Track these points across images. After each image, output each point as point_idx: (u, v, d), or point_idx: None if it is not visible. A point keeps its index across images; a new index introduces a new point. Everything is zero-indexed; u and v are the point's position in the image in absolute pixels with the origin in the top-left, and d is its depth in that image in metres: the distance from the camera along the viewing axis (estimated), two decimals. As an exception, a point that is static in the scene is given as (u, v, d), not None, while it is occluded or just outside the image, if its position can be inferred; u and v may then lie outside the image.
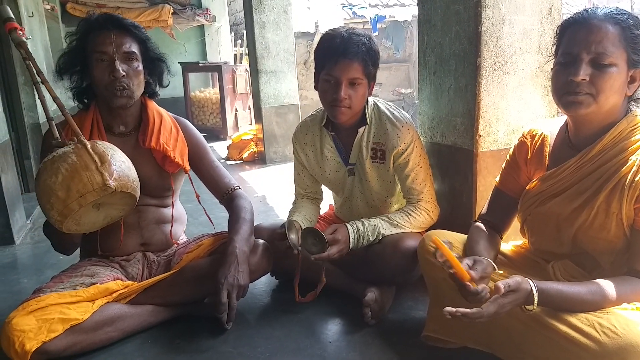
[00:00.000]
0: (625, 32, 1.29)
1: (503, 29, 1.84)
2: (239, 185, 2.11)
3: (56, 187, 1.53)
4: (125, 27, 1.83)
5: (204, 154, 2.10)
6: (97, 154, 1.57)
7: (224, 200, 2.08)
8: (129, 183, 1.63)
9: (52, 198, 1.54)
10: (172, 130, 2.00)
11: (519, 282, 1.25)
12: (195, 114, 7.91)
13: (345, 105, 1.87)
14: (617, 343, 1.15)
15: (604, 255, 1.40)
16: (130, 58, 1.82)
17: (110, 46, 1.77)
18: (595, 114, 1.33)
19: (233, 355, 1.73)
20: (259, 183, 4.50)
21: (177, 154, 1.96)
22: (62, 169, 1.53)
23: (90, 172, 1.54)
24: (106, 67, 1.78)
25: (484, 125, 1.89)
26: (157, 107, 2.04)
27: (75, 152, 1.57)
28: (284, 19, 5.10)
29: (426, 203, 1.97)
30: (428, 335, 1.66)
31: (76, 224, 1.63)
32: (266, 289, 2.24)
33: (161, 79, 2.02)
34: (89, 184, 1.53)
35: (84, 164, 1.54)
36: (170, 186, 2.02)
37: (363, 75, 1.86)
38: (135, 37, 1.85)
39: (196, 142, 2.08)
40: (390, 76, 10.75)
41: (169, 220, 2.06)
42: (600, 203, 1.35)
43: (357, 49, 1.82)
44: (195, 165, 2.07)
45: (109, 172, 1.56)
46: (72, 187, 1.52)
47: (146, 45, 1.90)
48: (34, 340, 1.58)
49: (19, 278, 2.57)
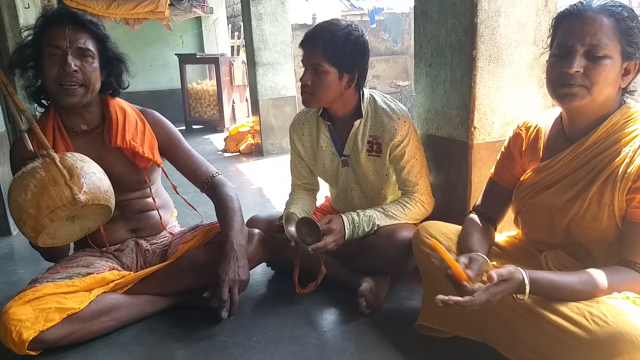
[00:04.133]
0: (619, 24, 1.29)
1: (499, 21, 1.84)
2: (219, 172, 2.05)
3: (26, 205, 1.52)
4: (82, 23, 1.77)
5: (177, 143, 2.03)
6: (65, 167, 1.56)
7: (205, 189, 2.02)
8: (100, 195, 1.61)
9: (24, 215, 1.54)
10: (137, 124, 1.94)
11: (511, 271, 1.26)
12: (193, 106, 7.89)
13: (308, 91, 1.90)
14: (606, 331, 1.16)
15: (596, 246, 1.41)
16: (85, 54, 1.76)
17: (64, 41, 1.72)
18: (589, 105, 1.34)
19: (229, 344, 1.75)
20: (256, 175, 4.51)
21: (147, 148, 1.91)
22: (31, 185, 1.53)
23: (59, 187, 1.53)
24: (57, 61, 1.72)
25: (479, 117, 1.90)
26: (120, 102, 1.96)
27: (43, 167, 1.56)
28: (281, 11, 5.09)
29: (421, 195, 1.99)
30: (422, 325, 1.68)
31: (52, 238, 1.63)
32: (262, 280, 2.25)
33: (119, 79, 1.94)
34: (58, 199, 1.52)
35: (52, 179, 1.53)
36: (144, 180, 1.98)
37: (326, 62, 1.85)
38: (93, 34, 1.79)
39: (166, 132, 2.01)
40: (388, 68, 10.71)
41: (154, 208, 2.05)
42: (593, 194, 1.36)
43: (320, 34, 1.85)
44: (170, 155, 2.02)
45: (78, 185, 1.55)
46: (42, 204, 1.52)
47: (104, 44, 1.84)
48: (30, 330, 1.59)
49: (15, 269, 2.58)
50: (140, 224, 2.04)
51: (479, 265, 1.36)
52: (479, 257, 1.39)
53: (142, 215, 2.04)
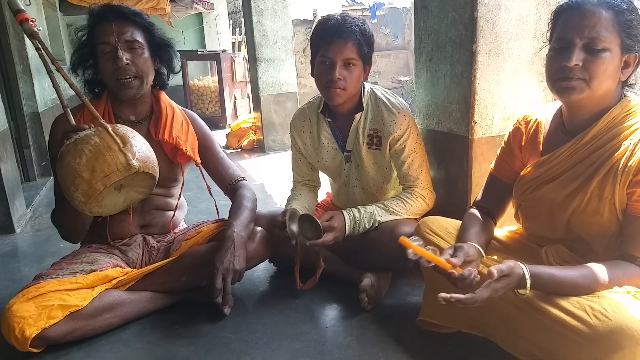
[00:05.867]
0: (618, 16, 1.28)
1: (499, 15, 1.83)
2: (244, 176, 2.13)
3: (80, 168, 1.53)
4: (126, 16, 1.83)
5: (211, 145, 2.12)
6: (118, 135, 1.59)
7: (228, 191, 2.11)
8: (150, 164, 1.64)
9: (77, 179, 1.54)
10: (183, 123, 2.02)
11: (512, 266, 1.26)
12: (195, 102, 7.90)
13: (340, 86, 1.88)
14: (607, 326, 1.16)
15: (597, 240, 1.41)
16: (134, 46, 1.82)
17: (112, 36, 1.77)
18: (589, 99, 1.34)
19: (231, 340, 1.75)
20: (258, 171, 4.51)
21: (189, 146, 1.99)
22: (86, 150, 1.54)
23: (114, 152, 1.55)
24: (110, 57, 1.79)
25: (479, 111, 1.90)
26: (169, 100, 2.05)
27: (97, 134, 1.58)
28: (282, 7, 5.08)
29: (422, 189, 1.98)
30: (423, 320, 1.69)
31: (98, 206, 1.64)
32: (264, 276, 2.26)
33: (171, 64, 2.01)
34: (113, 164, 1.54)
35: (106, 145, 1.55)
36: (179, 177, 2.06)
37: (357, 56, 1.87)
38: (137, 24, 1.85)
39: (204, 134, 2.11)
40: (389, 64, 10.67)
41: (172, 208, 2.10)
42: (593, 188, 1.36)
43: (350, 29, 1.84)
44: (202, 156, 2.09)
45: (131, 152, 1.57)
46: (97, 168, 1.53)
47: (150, 32, 1.89)
48: (33, 327, 1.60)
49: (19, 266, 2.59)
50: (153, 221, 2.06)
51: (463, 251, 1.38)
52: (464, 245, 1.40)
53: (157, 213, 2.07)
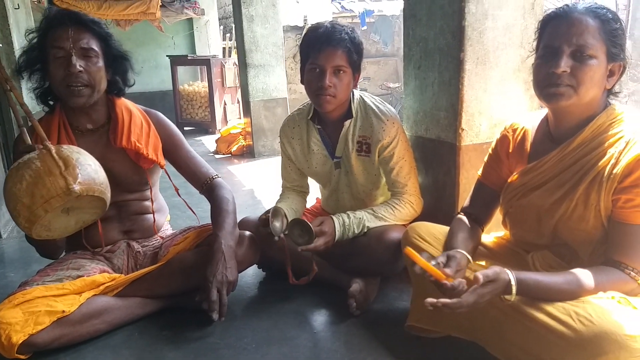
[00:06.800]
0: (604, 25, 1.32)
1: (486, 24, 1.86)
2: (218, 174, 2.08)
3: (21, 194, 1.52)
4: (84, 23, 1.78)
5: (179, 145, 2.06)
6: (61, 158, 1.56)
7: (203, 191, 2.05)
8: (95, 186, 1.61)
9: (18, 205, 1.54)
10: (142, 125, 1.96)
11: (497, 272, 1.27)
12: (184, 107, 7.87)
13: (330, 93, 1.89)
14: (592, 331, 1.18)
15: (583, 246, 1.43)
16: (89, 55, 1.77)
17: (67, 42, 1.73)
18: (576, 106, 1.36)
19: (220, 346, 1.75)
20: (248, 176, 4.51)
21: (151, 149, 1.93)
22: (27, 175, 1.53)
23: (54, 177, 1.53)
24: (62, 62, 1.73)
25: (466, 119, 1.92)
26: (126, 103, 1.99)
27: (39, 157, 1.56)
28: (273, 13, 5.09)
29: (410, 196, 2.00)
30: (412, 325, 1.69)
31: (46, 230, 1.62)
32: (253, 281, 2.26)
33: (125, 77, 1.95)
34: (53, 189, 1.52)
35: (47, 169, 1.53)
36: (146, 181, 2.01)
37: (347, 63, 1.89)
38: (95, 33, 1.80)
39: (169, 133, 2.04)
40: (379, 70, 10.75)
41: (150, 211, 2.07)
42: (579, 195, 1.38)
43: (340, 36, 1.86)
44: (171, 157, 2.04)
45: (72, 176, 1.54)
46: (36, 193, 1.52)
47: (107, 43, 1.84)
48: (20, 333, 1.58)
49: (5, 272, 2.57)
50: (134, 226, 2.04)
51: (456, 261, 1.39)
52: (456, 254, 1.41)
53: (137, 217, 2.04)
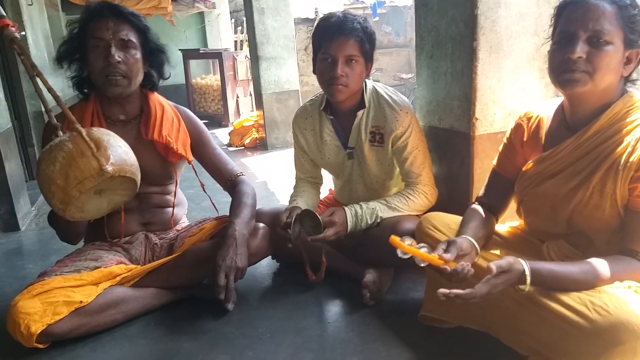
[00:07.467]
0: (622, 11, 1.29)
1: (499, 12, 1.84)
2: (242, 172, 2.13)
3: (55, 176, 1.54)
4: (124, 15, 1.82)
5: (206, 142, 2.11)
6: (92, 140, 1.57)
7: (227, 187, 2.10)
8: (127, 167, 1.63)
9: (52, 187, 1.55)
10: (173, 120, 2.01)
11: (511, 262, 1.27)
12: (197, 101, 7.91)
13: (342, 83, 1.89)
14: (608, 321, 1.17)
15: (598, 235, 1.41)
16: (128, 46, 1.80)
17: (107, 32, 1.76)
18: (592, 92, 1.34)
19: (235, 335, 1.77)
20: (261, 169, 4.53)
21: (180, 145, 1.98)
22: (59, 157, 1.54)
23: (87, 158, 1.54)
24: (101, 52, 1.77)
25: (480, 108, 1.90)
26: (159, 98, 2.04)
27: (71, 139, 1.57)
28: (284, 5, 5.08)
29: (424, 186, 1.99)
30: (425, 315, 1.70)
31: (80, 211, 1.64)
32: (267, 272, 2.27)
33: (162, 70, 2.00)
34: (86, 170, 1.54)
35: (79, 150, 1.55)
36: (172, 175, 2.05)
37: (359, 53, 1.89)
38: (134, 25, 1.84)
39: (198, 130, 2.09)
40: (391, 61, 10.68)
41: (170, 205, 2.10)
42: (595, 183, 1.36)
43: (352, 26, 1.86)
44: (198, 153, 2.08)
45: (105, 157, 1.56)
46: (70, 175, 1.53)
47: (145, 35, 1.88)
48: (39, 323, 1.61)
49: (24, 264, 2.61)
50: (154, 219, 2.07)
51: (456, 245, 1.38)
52: (457, 239, 1.41)
53: (157, 210, 2.07)
